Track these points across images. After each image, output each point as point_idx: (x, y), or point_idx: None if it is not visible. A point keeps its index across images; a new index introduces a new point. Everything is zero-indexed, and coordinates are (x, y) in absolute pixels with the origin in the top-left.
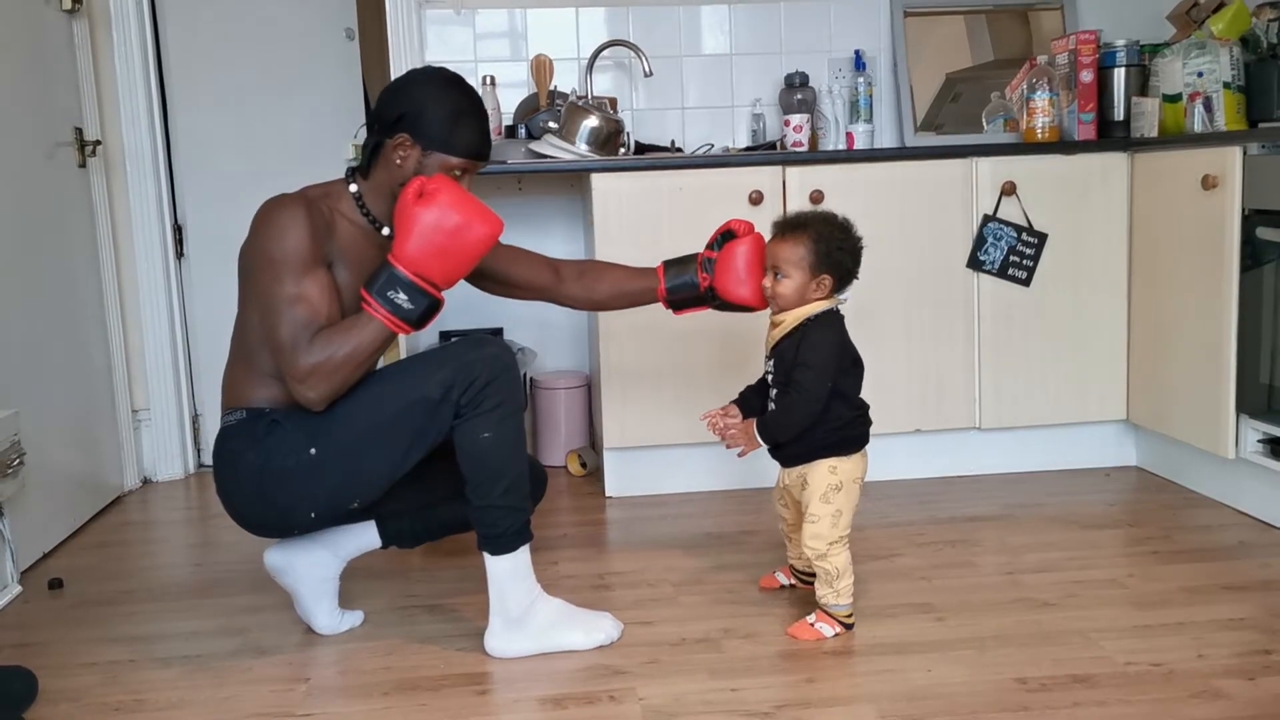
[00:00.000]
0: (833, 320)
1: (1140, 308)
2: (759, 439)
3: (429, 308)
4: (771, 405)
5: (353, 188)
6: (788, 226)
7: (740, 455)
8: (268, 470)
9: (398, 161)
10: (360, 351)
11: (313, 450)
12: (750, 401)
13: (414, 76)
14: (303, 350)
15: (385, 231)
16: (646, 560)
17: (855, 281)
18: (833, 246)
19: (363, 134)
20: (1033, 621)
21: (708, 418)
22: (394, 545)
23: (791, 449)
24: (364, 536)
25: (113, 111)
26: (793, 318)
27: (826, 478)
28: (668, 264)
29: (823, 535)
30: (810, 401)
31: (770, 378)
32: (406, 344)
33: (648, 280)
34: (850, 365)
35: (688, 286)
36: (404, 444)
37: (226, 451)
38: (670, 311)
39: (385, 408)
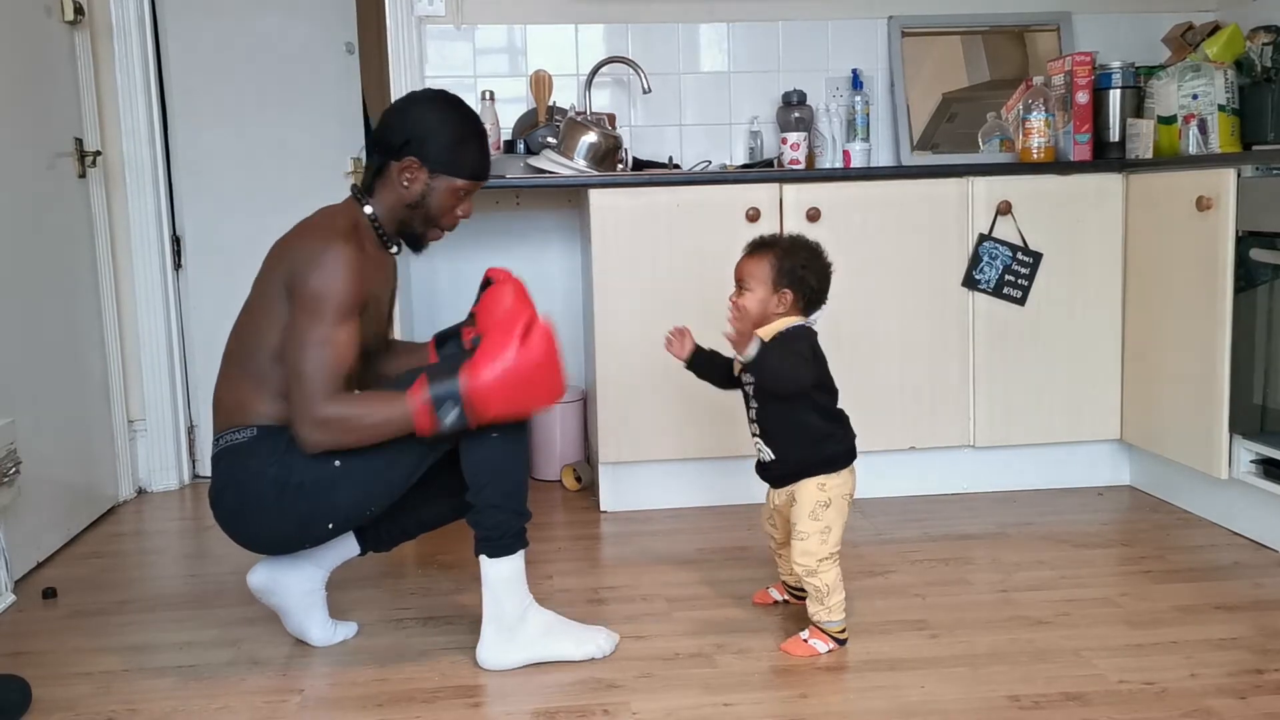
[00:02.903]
0: (804, 334)
1: (1134, 328)
2: (753, 349)
3: (458, 432)
4: (753, 406)
5: (368, 209)
6: (755, 245)
7: (726, 336)
8: (288, 484)
9: (405, 183)
10: (380, 430)
11: (337, 462)
12: (714, 359)
13: (416, 99)
14: (323, 396)
15: (394, 250)
16: (641, 575)
17: (824, 307)
18: (796, 264)
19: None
20: (1026, 639)
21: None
22: (371, 550)
23: (780, 470)
24: (344, 546)
25: (113, 122)
26: (763, 334)
27: (815, 494)
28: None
29: (812, 552)
30: (798, 368)
31: (749, 389)
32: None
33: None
34: (821, 384)
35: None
36: (424, 450)
37: (238, 469)
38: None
39: None
